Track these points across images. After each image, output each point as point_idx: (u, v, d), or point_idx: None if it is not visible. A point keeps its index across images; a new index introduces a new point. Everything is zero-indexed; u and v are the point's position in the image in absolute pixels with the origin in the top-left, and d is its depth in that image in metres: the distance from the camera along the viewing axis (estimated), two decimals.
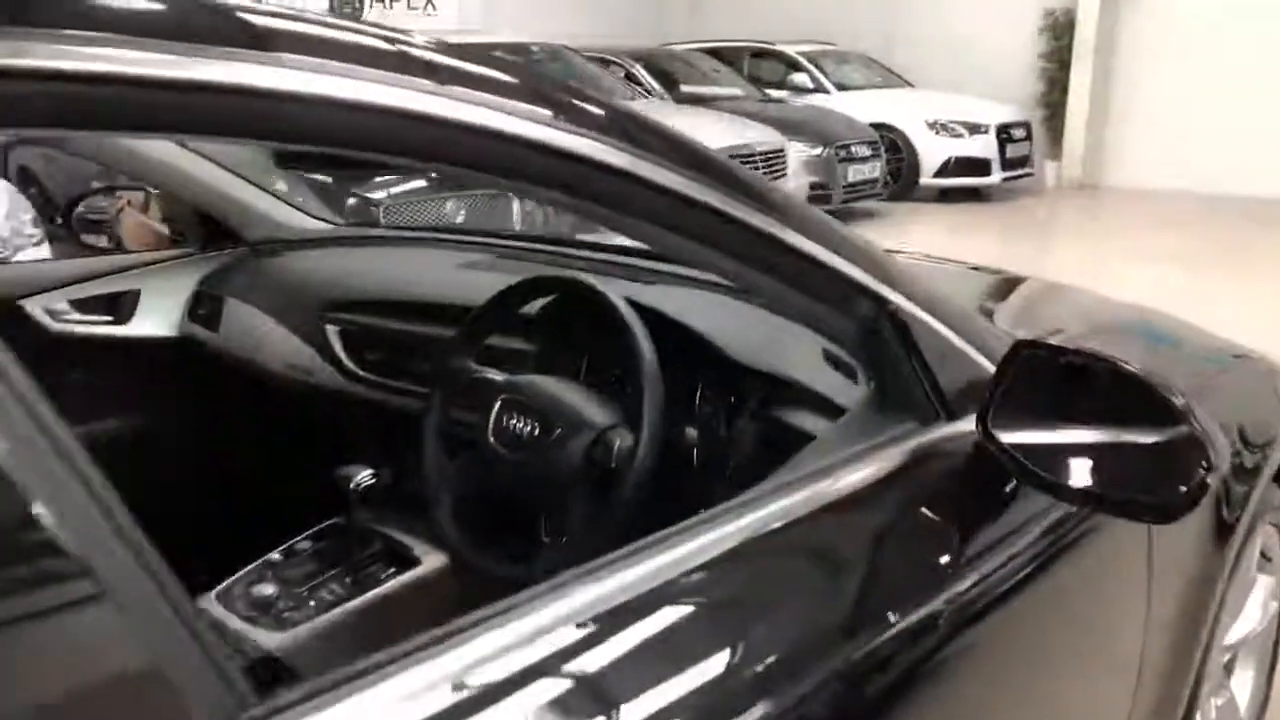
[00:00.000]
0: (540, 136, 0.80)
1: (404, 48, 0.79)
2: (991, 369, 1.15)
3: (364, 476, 1.57)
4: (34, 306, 1.89)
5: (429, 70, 0.77)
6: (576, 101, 0.90)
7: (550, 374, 1.40)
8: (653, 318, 1.33)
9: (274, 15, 0.73)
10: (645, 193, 0.88)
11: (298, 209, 2.16)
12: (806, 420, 1.26)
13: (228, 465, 1.96)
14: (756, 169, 6.74)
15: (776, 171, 6.93)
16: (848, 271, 1.06)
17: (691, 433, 1.33)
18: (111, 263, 2.02)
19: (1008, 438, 1.09)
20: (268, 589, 1.52)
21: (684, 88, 9.21)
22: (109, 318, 1.99)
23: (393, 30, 0.84)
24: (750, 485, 1.03)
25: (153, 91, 0.63)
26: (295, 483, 1.71)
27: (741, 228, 0.95)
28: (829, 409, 1.25)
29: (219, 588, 1.55)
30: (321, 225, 2.16)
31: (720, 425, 1.33)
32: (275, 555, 1.60)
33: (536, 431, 1.28)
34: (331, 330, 1.78)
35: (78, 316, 1.95)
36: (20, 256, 2.75)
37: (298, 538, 1.63)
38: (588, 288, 1.34)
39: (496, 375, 1.39)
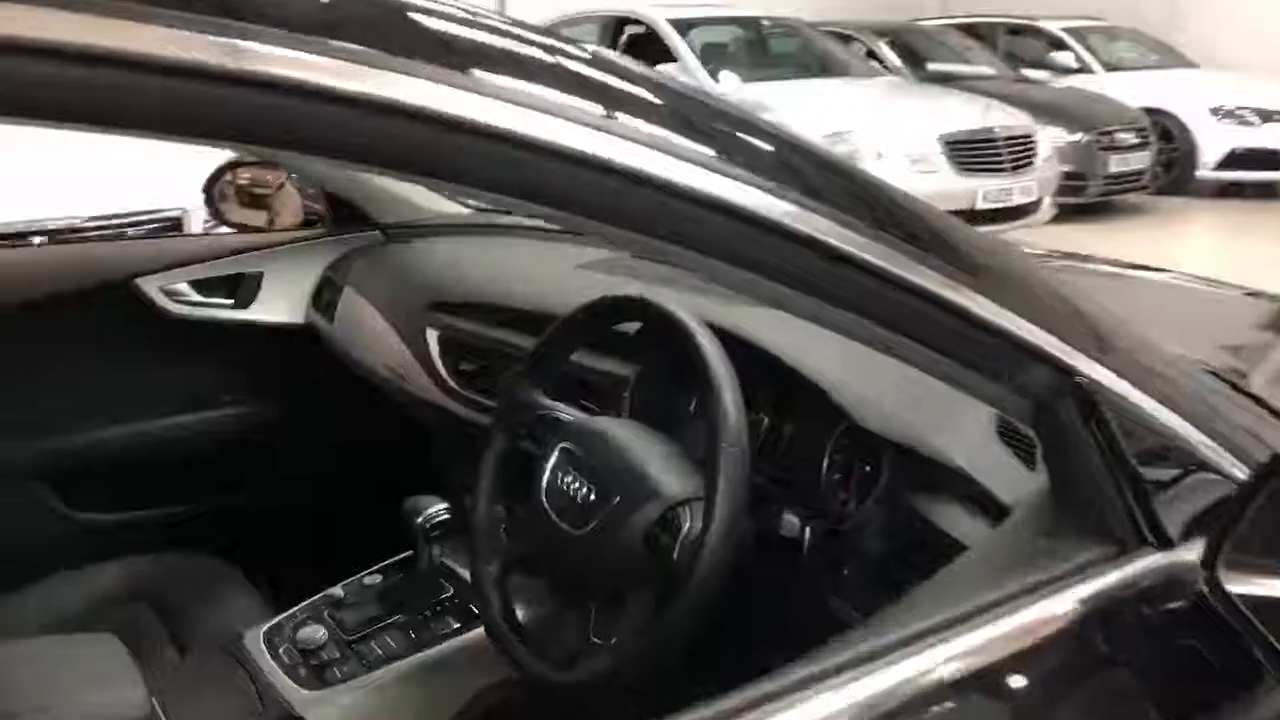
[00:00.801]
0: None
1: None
2: (1239, 478, 0.78)
3: (436, 511, 1.34)
4: (150, 285, 1.79)
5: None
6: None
7: (637, 418, 1.10)
8: (757, 359, 1.02)
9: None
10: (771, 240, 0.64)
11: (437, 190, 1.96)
12: (954, 518, 0.92)
13: (320, 471, 1.81)
14: (998, 155, 6.12)
15: (1021, 160, 6.26)
16: (1020, 332, 0.72)
17: (791, 520, 1.01)
18: (236, 242, 1.90)
19: (1247, 588, 0.72)
20: (318, 633, 1.32)
21: (930, 66, 8.57)
22: (229, 300, 1.87)
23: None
24: (867, 605, 0.72)
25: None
26: (381, 499, 1.51)
27: (894, 286, 0.67)
28: (987, 505, 0.90)
29: (269, 624, 1.37)
30: (460, 210, 1.96)
31: (830, 512, 1.00)
32: (337, 590, 1.41)
33: (591, 496, 0.99)
34: (431, 334, 1.56)
35: (196, 298, 1.84)
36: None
37: (366, 571, 1.43)
38: (657, 311, 1.04)
39: (566, 415, 1.11)
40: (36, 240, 1.99)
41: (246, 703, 1.26)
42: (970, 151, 6.07)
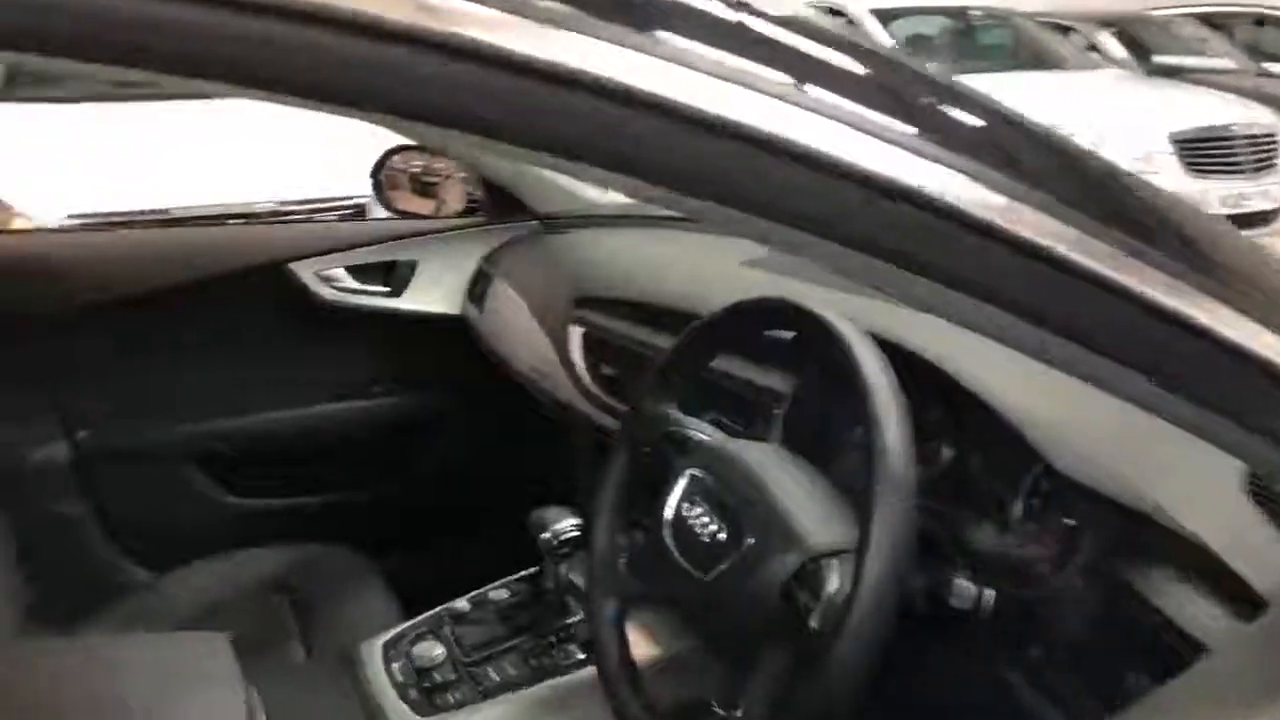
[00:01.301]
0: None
1: None
2: None
3: (565, 527, 1.22)
4: (305, 270, 1.75)
5: None
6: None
7: (785, 443, 0.94)
8: (932, 381, 0.83)
9: None
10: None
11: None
12: (1187, 605, 0.71)
13: (463, 470, 1.72)
14: (1235, 156, 5.51)
15: (1263, 161, 5.62)
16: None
17: (964, 585, 0.82)
18: (393, 228, 1.85)
19: None
20: (435, 650, 1.22)
21: (1157, 58, 7.89)
22: (384, 288, 1.81)
23: None
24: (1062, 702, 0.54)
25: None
26: (517, 505, 1.40)
27: (1118, 297, 0.52)
28: (1234, 592, 0.69)
29: (389, 635, 1.28)
30: (622, 199, 1.84)
31: (1018, 577, 0.80)
32: (461, 603, 1.31)
33: (721, 534, 0.84)
34: (575, 331, 1.44)
35: (351, 284, 1.79)
36: None
37: (493, 585, 1.33)
38: (809, 317, 0.87)
39: (699, 434, 0.96)
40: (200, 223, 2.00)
41: None
42: (1203, 151, 5.49)
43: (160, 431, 1.71)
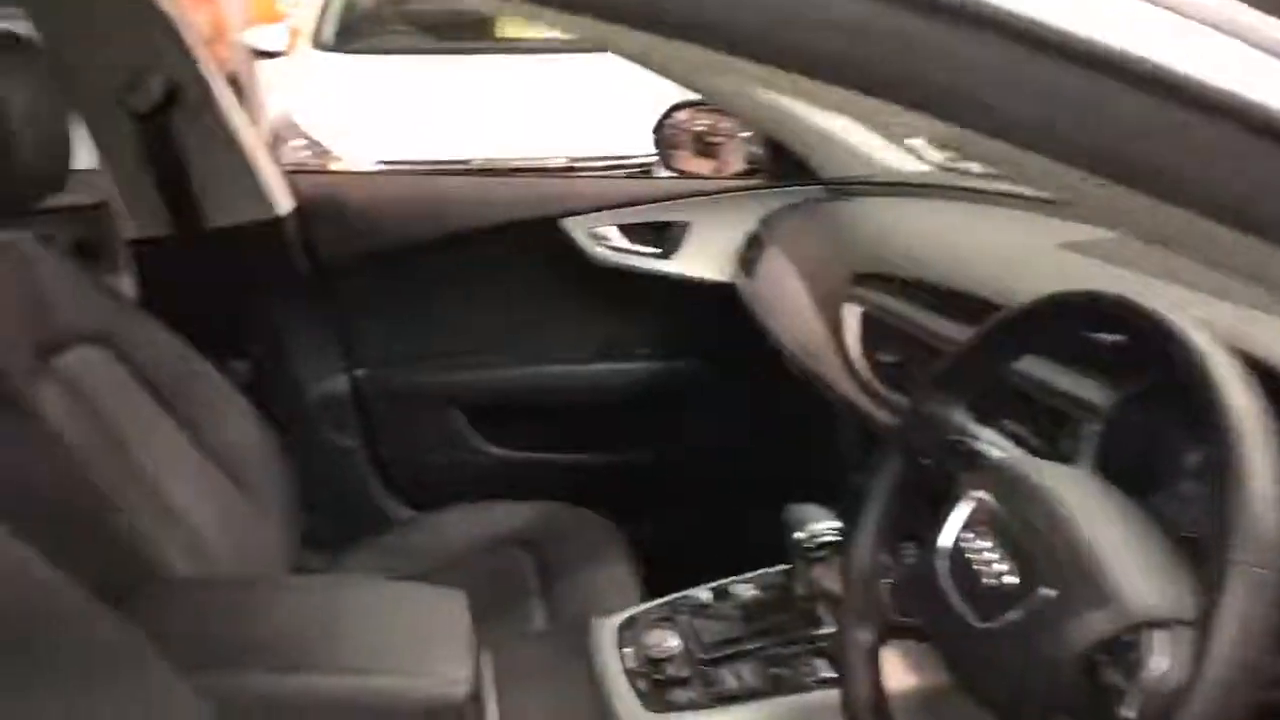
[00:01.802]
0: None
1: None
2: None
3: (823, 529, 1.10)
4: (577, 227, 1.71)
5: None
6: None
7: (1103, 471, 0.76)
8: None
9: None
10: None
11: (907, 148, 1.68)
12: None
13: (720, 445, 1.64)
14: None
15: None
16: None
17: None
18: (667, 188, 1.77)
19: None
20: (671, 640, 1.14)
21: None
22: (654, 249, 1.74)
23: None
24: None
25: None
26: (773, 493, 1.30)
27: None
28: None
29: (624, 616, 1.22)
30: (922, 167, 1.67)
31: None
32: (703, 593, 1.23)
33: (1011, 579, 0.69)
34: (851, 310, 1.30)
35: (622, 243, 1.74)
36: None
37: (740, 578, 1.23)
38: (1151, 320, 0.69)
39: (992, 448, 0.80)
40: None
41: (579, 705, 1.12)
42: None
43: (431, 375, 1.74)
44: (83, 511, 1.13)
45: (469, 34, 4.34)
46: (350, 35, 4.22)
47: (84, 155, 1.43)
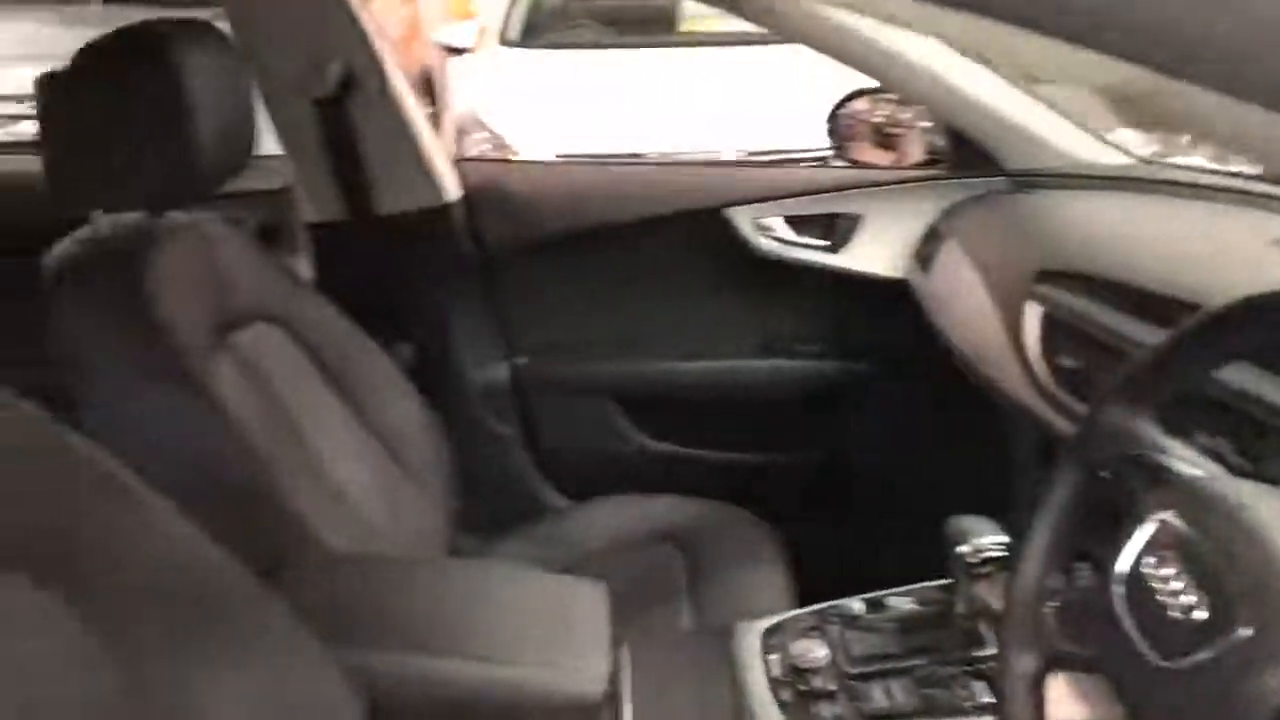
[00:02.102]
0: None
1: None
2: None
3: (989, 543, 1.02)
4: (742, 217, 1.66)
5: None
6: None
7: None
8: None
9: None
10: None
11: (1104, 139, 1.56)
12: None
13: (883, 450, 1.55)
14: None
15: None
16: None
17: None
18: (838, 177, 1.70)
19: None
20: (818, 651, 1.09)
21: None
22: (823, 242, 1.68)
23: None
24: None
25: None
26: (938, 502, 1.22)
27: None
28: None
29: (771, 621, 1.16)
30: (1121, 159, 1.53)
31: None
32: (855, 604, 1.16)
33: (1200, 614, 0.60)
34: (1032, 309, 1.20)
35: (788, 235, 1.68)
36: None
37: (896, 590, 1.16)
38: None
39: (1184, 464, 0.70)
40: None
41: (718, 710, 1.08)
42: None
43: (590, 366, 1.73)
44: (247, 486, 1.17)
45: (652, 28, 4.36)
46: (535, 31, 4.31)
47: (268, 142, 1.49)
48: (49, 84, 1.12)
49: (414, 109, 1.59)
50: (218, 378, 1.23)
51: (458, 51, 4.59)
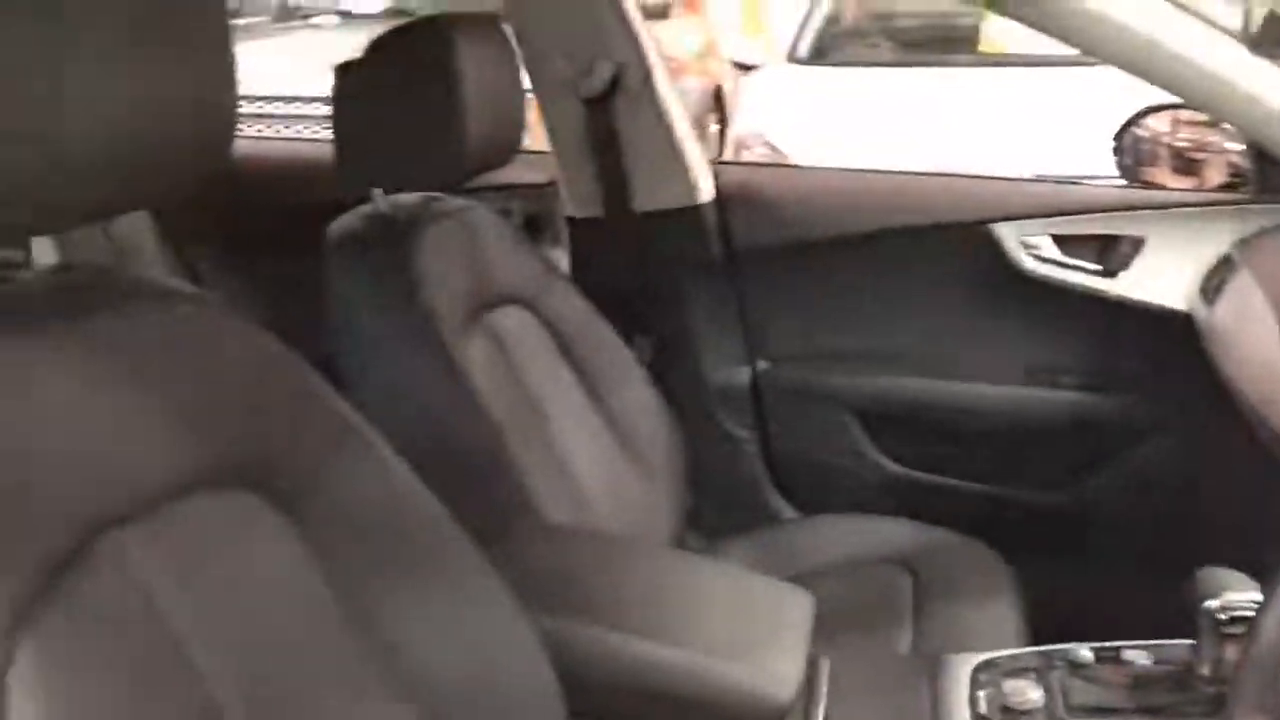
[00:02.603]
0: None
1: None
2: None
3: (1241, 600, 0.91)
4: (1007, 233, 1.57)
5: None
6: None
7: None
8: None
9: None
10: None
11: None
12: None
13: (1130, 495, 1.42)
14: None
15: None
16: None
17: None
18: (1116, 198, 1.58)
19: None
20: (1033, 693, 1.01)
21: None
22: (1096, 266, 1.56)
23: None
24: None
25: None
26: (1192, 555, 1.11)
27: None
28: None
29: (986, 657, 1.09)
30: None
31: None
32: (1083, 650, 1.07)
33: None
34: None
35: (1057, 256, 1.57)
36: None
37: (1131, 643, 1.06)
38: None
39: None
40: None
41: None
42: None
43: (832, 376, 1.70)
44: (478, 451, 1.24)
45: (952, 47, 4.23)
46: (826, 49, 4.29)
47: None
48: (343, 72, 1.24)
49: (676, 110, 1.63)
50: (467, 351, 1.32)
51: (748, 68, 4.66)
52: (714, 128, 5.28)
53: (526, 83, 1.47)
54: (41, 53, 0.58)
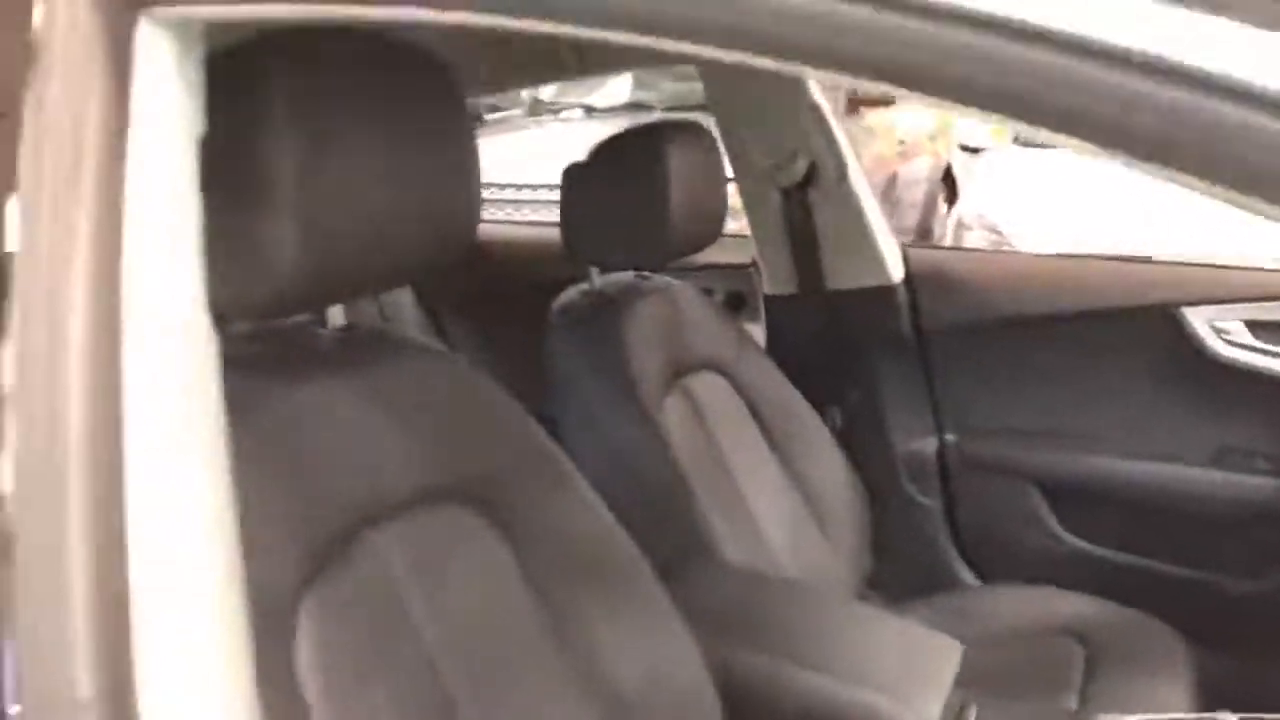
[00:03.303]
0: None
1: None
2: None
3: None
4: (1197, 318, 1.60)
5: None
6: None
7: None
8: None
9: None
10: None
11: None
12: None
13: None
14: None
15: None
16: None
17: None
18: None
19: None
20: None
21: None
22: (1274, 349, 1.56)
23: None
24: None
25: None
26: None
27: None
28: None
29: (1134, 718, 1.14)
30: None
31: None
32: (1231, 717, 1.09)
33: None
34: None
35: (1250, 341, 1.58)
36: None
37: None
38: None
39: None
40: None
41: None
42: None
43: (1018, 451, 1.75)
44: (668, 494, 1.41)
45: None
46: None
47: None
48: (573, 172, 1.48)
49: (868, 197, 1.77)
50: (664, 409, 1.50)
51: (974, 150, 4.68)
52: (943, 207, 5.29)
53: (729, 171, 1.66)
54: (339, 171, 0.81)
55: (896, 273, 1.79)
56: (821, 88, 1.72)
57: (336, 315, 0.98)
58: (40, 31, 0.59)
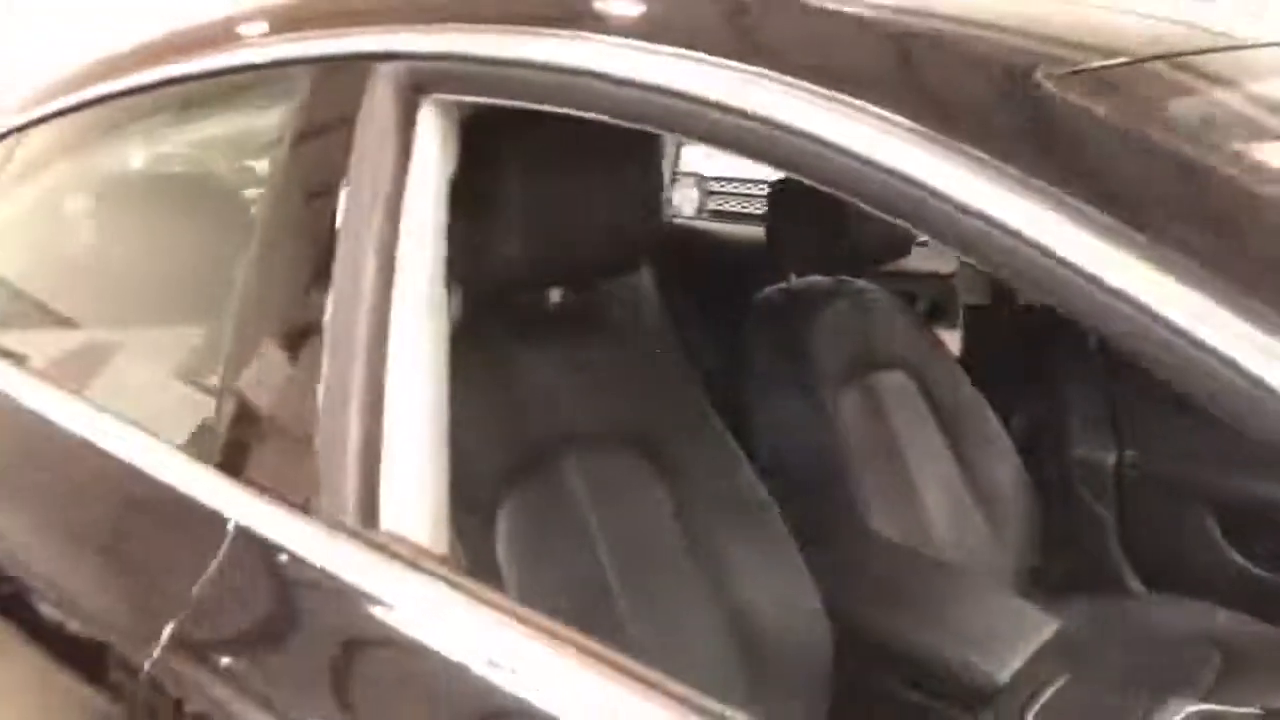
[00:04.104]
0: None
1: None
2: None
3: None
4: None
5: None
6: None
7: None
8: None
9: None
10: None
11: None
12: None
13: None
14: None
15: None
16: None
17: None
18: None
19: None
20: None
21: None
22: None
23: None
24: None
25: None
26: None
27: None
28: None
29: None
30: None
31: None
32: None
33: None
34: None
35: None
36: None
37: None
38: None
39: None
40: None
41: None
42: None
43: (1195, 471, 1.81)
44: (833, 475, 1.63)
45: None
46: None
47: None
48: (775, 185, 1.74)
49: None
50: (844, 398, 1.73)
51: None
52: None
53: None
54: (547, 193, 1.14)
55: None
56: None
57: (555, 295, 1.32)
58: (361, 116, 0.95)
